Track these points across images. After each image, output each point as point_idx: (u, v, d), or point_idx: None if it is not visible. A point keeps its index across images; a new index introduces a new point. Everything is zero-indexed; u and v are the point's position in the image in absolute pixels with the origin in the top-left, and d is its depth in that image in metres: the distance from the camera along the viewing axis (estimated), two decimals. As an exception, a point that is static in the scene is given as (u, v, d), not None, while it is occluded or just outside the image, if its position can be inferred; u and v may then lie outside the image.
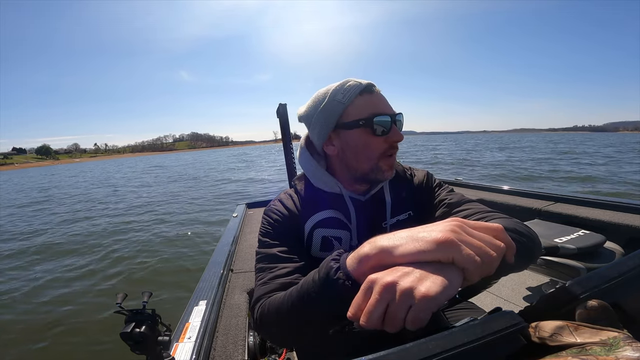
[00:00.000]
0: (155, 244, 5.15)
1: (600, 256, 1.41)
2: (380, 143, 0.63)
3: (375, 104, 0.63)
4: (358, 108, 0.63)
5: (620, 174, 10.37)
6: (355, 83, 0.63)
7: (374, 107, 0.63)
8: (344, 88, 0.63)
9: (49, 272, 4.28)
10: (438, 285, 0.33)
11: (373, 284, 0.35)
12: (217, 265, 1.44)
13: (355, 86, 0.63)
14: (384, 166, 0.65)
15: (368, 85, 0.63)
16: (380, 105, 0.63)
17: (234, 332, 0.97)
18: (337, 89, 0.64)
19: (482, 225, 0.39)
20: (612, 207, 1.77)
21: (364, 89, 0.63)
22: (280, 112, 2.00)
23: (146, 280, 3.80)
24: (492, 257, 0.35)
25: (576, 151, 22.22)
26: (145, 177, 19.91)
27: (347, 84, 0.64)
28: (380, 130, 0.62)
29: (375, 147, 0.64)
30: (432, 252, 0.35)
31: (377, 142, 0.63)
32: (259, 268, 0.62)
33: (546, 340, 0.31)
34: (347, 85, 0.63)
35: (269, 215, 0.68)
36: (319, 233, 0.67)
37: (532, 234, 0.55)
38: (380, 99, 0.64)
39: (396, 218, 0.70)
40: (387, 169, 0.65)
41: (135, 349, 0.60)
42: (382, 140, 0.63)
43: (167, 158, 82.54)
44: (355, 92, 0.62)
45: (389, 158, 0.65)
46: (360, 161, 0.65)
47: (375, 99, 0.64)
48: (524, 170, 12.26)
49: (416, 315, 0.32)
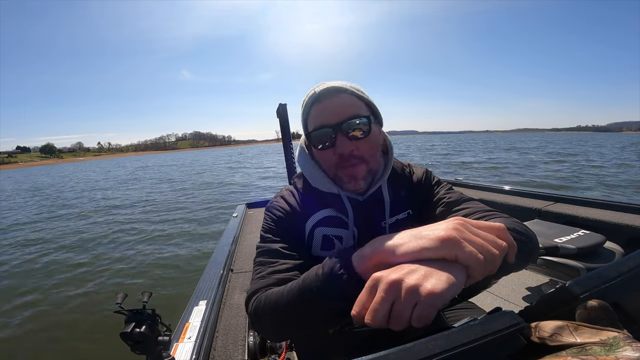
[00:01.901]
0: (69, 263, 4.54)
1: (600, 256, 1.41)
2: (329, 155, 0.62)
3: (319, 115, 0.61)
4: (310, 121, 0.63)
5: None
6: (311, 93, 0.62)
7: (316, 119, 0.62)
8: (305, 100, 0.64)
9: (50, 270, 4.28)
10: (443, 282, 0.33)
11: (378, 282, 0.35)
12: (217, 265, 1.44)
13: (310, 97, 0.63)
14: (344, 177, 0.63)
15: (317, 95, 0.61)
16: (323, 117, 0.61)
17: (234, 332, 0.97)
18: (303, 100, 0.65)
19: (484, 224, 0.39)
20: (612, 207, 1.77)
21: (314, 100, 0.62)
22: (280, 112, 2.00)
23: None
24: (494, 256, 0.36)
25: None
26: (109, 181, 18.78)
27: (308, 93, 0.64)
28: (319, 143, 0.62)
29: (325, 159, 0.64)
30: (436, 249, 0.36)
31: (326, 154, 0.63)
32: (258, 262, 0.62)
33: (546, 340, 0.31)
34: (307, 97, 0.64)
35: (272, 211, 0.68)
36: (319, 232, 0.67)
37: (531, 234, 0.55)
38: (326, 108, 0.61)
39: (395, 217, 0.69)
40: (348, 180, 0.63)
41: (135, 349, 0.60)
42: (330, 153, 0.62)
43: (168, 157, 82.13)
44: (308, 105, 0.63)
45: (349, 169, 0.62)
46: (326, 169, 0.66)
47: (321, 109, 0.61)
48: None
49: (422, 312, 0.32)
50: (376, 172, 0.68)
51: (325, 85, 0.62)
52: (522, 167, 13.79)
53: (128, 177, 21.27)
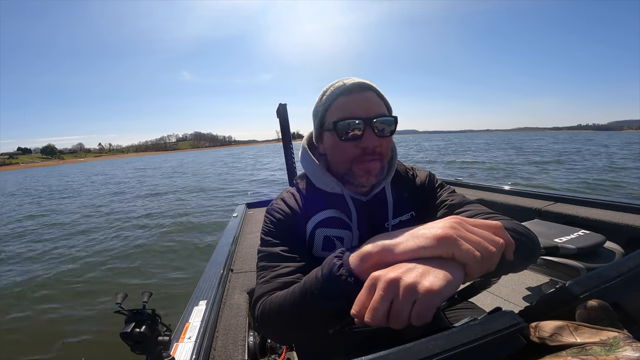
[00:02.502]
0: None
1: (600, 256, 1.42)
2: (350, 148, 0.62)
3: (347, 107, 0.61)
4: (333, 111, 0.63)
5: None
6: (340, 84, 0.63)
7: (344, 110, 0.61)
8: (329, 90, 0.65)
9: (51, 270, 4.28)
10: (441, 279, 0.33)
11: (377, 280, 0.36)
12: (217, 265, 1.44)
13: (337, 88, 0.63)
14: (358, 171, 0.63)
15: (348, 87, 0.62)
16: (352, 109, 0.61)
17: (234, 332, 0.97)
18: (325, 90, 0.66)
19: (481, 222, 0.39)
20: (612, 207, 1.77)
21: (342, 92, 0.62)
22: (280, 112, 2.00)
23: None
24: (491, 253, 0.36)
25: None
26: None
27: (334, 84, 0.64)
28: (345, 134, 0.61)
29: (345, 152, 0.63)
30: (432, 248, 0.36)
31: (347, 147, 0.62)
32: (260, 266, 0.62)
33: (546, 340, 0.31)
34: (332, 87, 0.65)
35: (272, 214, 0.68)
36: (320, 233, 0.67)
37: (531, 235, 0.55)
38: (356, 102, 0.61)
39: (398, 219, 0.69)
40: (362, 174, 0.63)
41: (135, 349, 0.60)
42: (352, 146, 0.62)
43: (168, 158, 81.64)
44: (334, 95, 0.63)
45: (366, 164, 0.62)
46: (336, 163, 0.66)
47: (351, 101, 0.61)
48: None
49: (421, 310, 0.33)
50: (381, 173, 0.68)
51: (355, 80, 0.63)
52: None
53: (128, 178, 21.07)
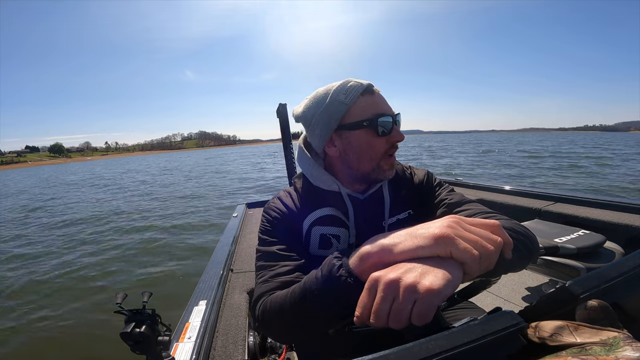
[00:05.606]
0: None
1: (600, 256, 1.41)
2: (382, 143, 0.64)
3: (377, 104, 0.64)
4: (360, 109, 0.63)
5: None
6: (356, 83, 0.63)
7: (376, 107, 0.63)
8: (345, 88, 0.63)
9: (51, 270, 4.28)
10: (440, 278, 0.33)
11: (377, 282, 0.36)
12: (217, 265, 1.44)
13: (357, 86, 0.63)
14: (384, 166, 0.66)
15: (369, 86, 0.64)
16: (382, 106, 0.64)
17: (234, 332, 0.97)
18: (338, 89, 0.64)
19: (478, 221, 0.39)
20: (612, 207, 1.77)
21: (365, 90, 0.63)
22: (280, 112, 2.00)
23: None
24: (489, 251, 0.36)
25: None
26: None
27: (348, 84, 0.64)
28: (382, 130, 0.63)
29: (378, 148, 0.64)
30: (430, 247, 0.36)
31: (379, 143, 0.64)
32: (259, 266, 0.63)
33: (546, 340, 0.31)
34: (349, 86, 0.63)
35: (268, 213, 0.69)
36: (317, 231, 0.67)
37: (530, 234, 0.56)
38: (381, 99, 0.65)
39: (396, 217, 0.70)
40: (388, 168, 0.66)
41: (135, 349, 0.60)
42: (384, 141, 0.64)
43: (171, 157, 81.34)
44: (357, 93, 0.62)
45: (390, 158, 0.66)
46: (362, 161, 0.65)
47: (377, 99, 0.64)
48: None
49: (421, 309, 0.33)
50: None
51: (360, 81, 0.65)
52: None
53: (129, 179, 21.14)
